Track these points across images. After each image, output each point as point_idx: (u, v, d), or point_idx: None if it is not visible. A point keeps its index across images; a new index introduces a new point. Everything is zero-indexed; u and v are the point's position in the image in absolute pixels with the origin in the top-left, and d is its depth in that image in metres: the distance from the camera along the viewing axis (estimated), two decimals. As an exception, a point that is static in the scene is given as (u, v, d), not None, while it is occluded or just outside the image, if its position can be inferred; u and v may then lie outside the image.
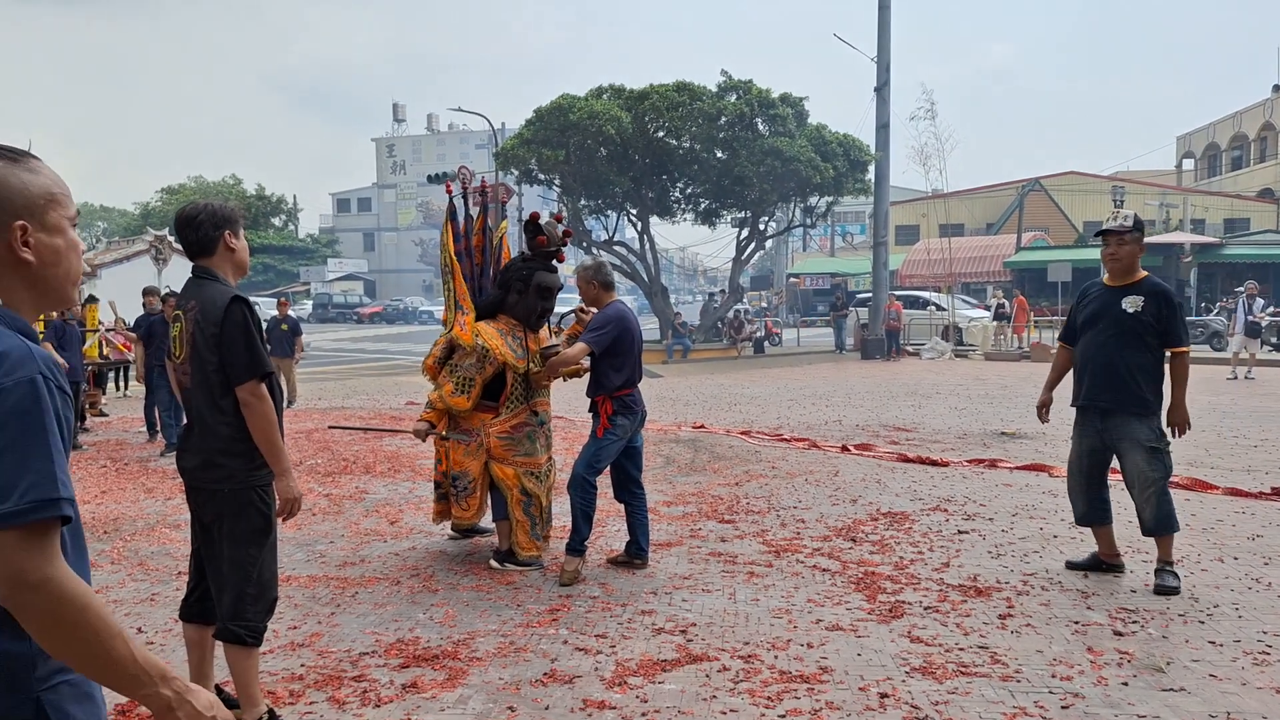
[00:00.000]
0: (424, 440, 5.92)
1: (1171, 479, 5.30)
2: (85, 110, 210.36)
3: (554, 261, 5.90)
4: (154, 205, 65.41)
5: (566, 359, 5.50)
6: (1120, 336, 5.25)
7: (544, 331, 5.95)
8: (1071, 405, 5.55)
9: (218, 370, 3.38)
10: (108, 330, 15.82)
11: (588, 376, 5.68)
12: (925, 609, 4.84)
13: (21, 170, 1.59)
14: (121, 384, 17.23)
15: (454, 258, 5.95)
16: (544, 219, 5.90)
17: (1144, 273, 5.36)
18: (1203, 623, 4.62)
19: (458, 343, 5.73)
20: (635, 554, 5.69)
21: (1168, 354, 5.26)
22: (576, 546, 5.46)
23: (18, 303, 1.60)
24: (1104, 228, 5.38)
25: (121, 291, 19.29)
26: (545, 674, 4.05)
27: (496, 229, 6.22)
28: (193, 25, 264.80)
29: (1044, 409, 5.78)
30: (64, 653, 1.46)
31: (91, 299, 16.20)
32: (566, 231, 6.01)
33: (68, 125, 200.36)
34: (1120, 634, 4.47)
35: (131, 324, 12.98)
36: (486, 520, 6.22)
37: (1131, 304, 5.23)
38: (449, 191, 6.14)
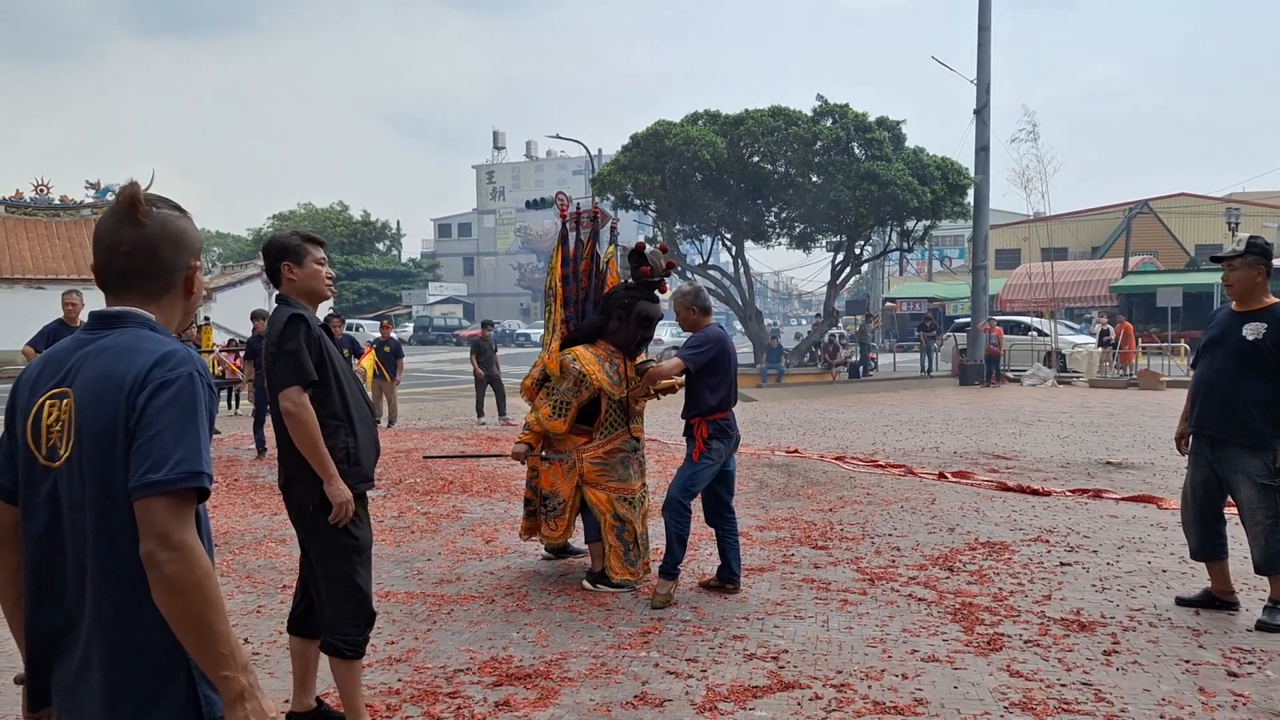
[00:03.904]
0: (523, 462, 6.02)
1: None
2: (203, 141, 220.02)
3: (656, 291, 5.95)
4: (266, 231, 67.94)
5: (662, 371, 5.60)
6: (1237, 364, 5.02)
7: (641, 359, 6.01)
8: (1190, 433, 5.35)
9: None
10: (221, 351, 16.49)
11: (683, 397, 5.70)
12: (1025, 642, 4.71)
13: (189, 220, 1.94)
14: (233, 403, 17.90)
15: (559, 282, 6.06)
16: (648, 249, 5.95)
17: (1273, 299, 5.11)
18: (1325, 665, 4.39)
19: (547, 370, 5.84)
20: (727, 578, 5.67)
21: None
22: (669, 569, 5.47)
23: (170, 324, 1.90)
24: (1218, 254, 5.23)
25: (234, 314, 20.09)
26: (636, 696, 4.07)
27: (604, 254, 6.29)
28: (303, 58, 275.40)
29: (1183, 440, 5.49)
30: (177, 614, 1.65)
31: (206, 321, 16.90)
32: (670, 262, 6.05)
33: (186, 155, 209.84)
34: (1235, 675, 4.28)
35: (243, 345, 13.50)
36: (579, 541, 6.29)
37: (1253, 330, 5.00)
38: (563, 216, 6.20)
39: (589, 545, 5.94)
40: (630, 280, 5.97)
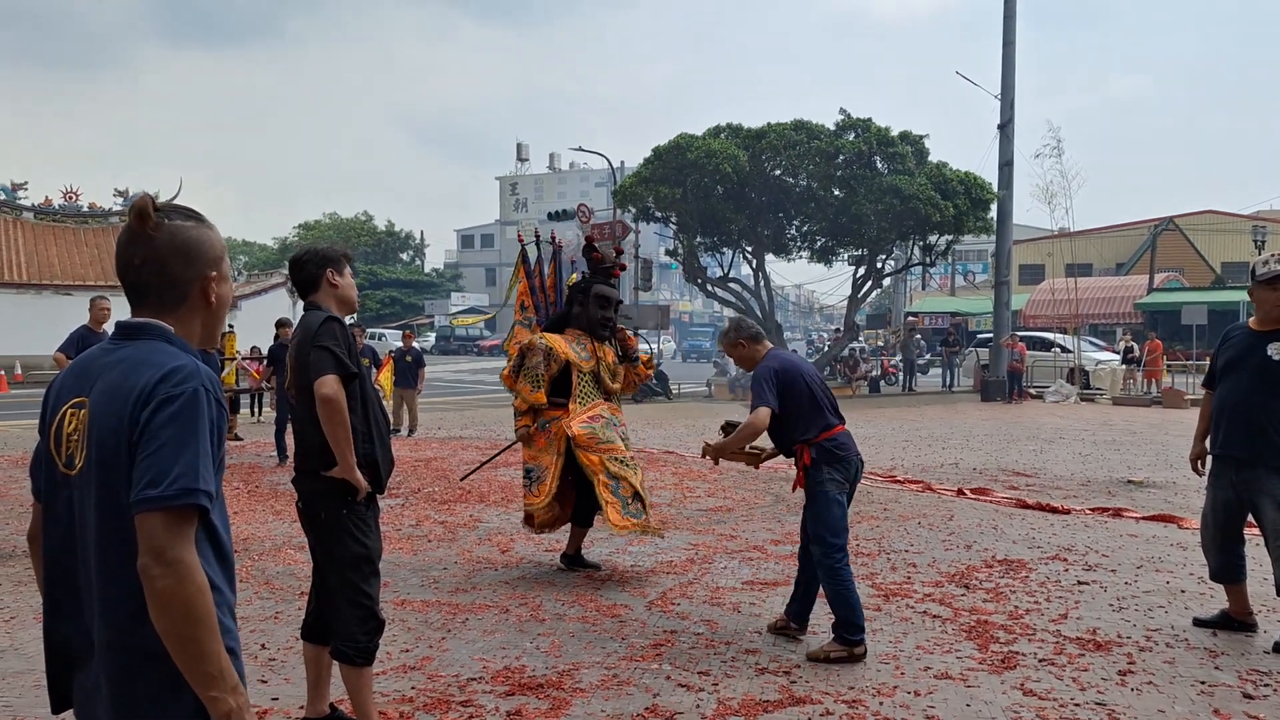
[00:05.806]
0: (529, 442, 6.30)
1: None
2: (230, 150, 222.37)
3: (611, 279, 6.61)
4: (291, 240, 68.60)
5: (755, 427, 4.85)
6: (1263, 384, 4.97)
7: (609, 350, 6.49)
8: (1208, 454, 5.31)
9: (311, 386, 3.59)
10: (244, 359, 16.66)
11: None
12: (1040, 661, 4.69)
13: (206, 229, 1.91)
14: (257, 410, 18.04)
15: (527, 293, 6.82)
16: (599, 243, 6.72)
17: None
18: (1343, 689, 4.35)
19: (524, 346, 6.28)
20: (795, 615, 5.07)
21: None
22: (846, 639, 4.70)
23: (190, 336, 1.90)
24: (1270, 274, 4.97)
25: (259, 322, 20.28)
26: (647, 708, 4.08)
27: (565, 280, 6.95)
28: (329, 69, 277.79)
29: (1198, 461, 5.47)
30: (169, 630, 1.66)
31: (230, 329, 17.07)
32: (617, 249, 6.82)
33: (214, 164, 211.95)
34: (1250, 697, 4.25)
35: (266, 353, 13.63)
36: (593, 556, 6.52)
37: (1278, 350, 4.98)
38: (520, 240, 7.16)
39: (572, 529, 6.46)
40: (586, 273, 6.64)
